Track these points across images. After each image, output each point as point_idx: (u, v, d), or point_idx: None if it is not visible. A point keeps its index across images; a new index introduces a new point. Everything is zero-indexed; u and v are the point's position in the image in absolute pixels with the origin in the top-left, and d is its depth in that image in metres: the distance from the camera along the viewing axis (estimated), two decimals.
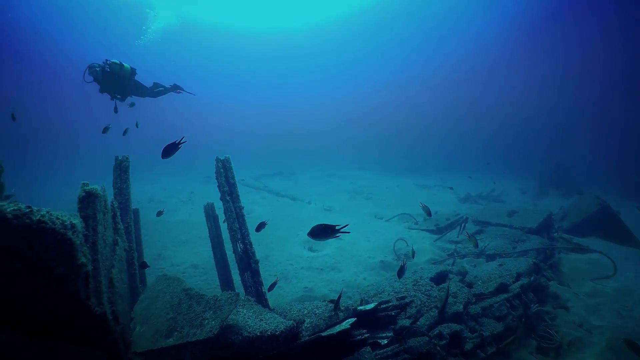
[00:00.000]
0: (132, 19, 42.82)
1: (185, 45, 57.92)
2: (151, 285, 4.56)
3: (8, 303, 2.22)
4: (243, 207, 5.44)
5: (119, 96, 8.61)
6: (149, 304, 4.21)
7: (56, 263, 2.02)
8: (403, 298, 5.47)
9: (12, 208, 1.87)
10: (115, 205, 3.18)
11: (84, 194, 2.53)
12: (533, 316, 5.92)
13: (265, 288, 5.35)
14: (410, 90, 69.67)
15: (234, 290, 6.46)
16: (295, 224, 12.78)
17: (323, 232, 3.58)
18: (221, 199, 5.47)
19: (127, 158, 4.88)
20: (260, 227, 5.09)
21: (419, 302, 5.38)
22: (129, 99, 9.06)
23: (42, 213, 1.92)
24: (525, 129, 52.11)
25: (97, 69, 8.03)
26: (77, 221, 2.03)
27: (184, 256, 9.24)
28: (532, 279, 6.62)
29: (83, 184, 2.58)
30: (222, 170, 5.62)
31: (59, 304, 2.31)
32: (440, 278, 6.51)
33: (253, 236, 5.47)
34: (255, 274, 5.17)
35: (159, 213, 8.77)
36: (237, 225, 5.18)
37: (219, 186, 5.52)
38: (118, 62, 8.31)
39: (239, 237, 5.16)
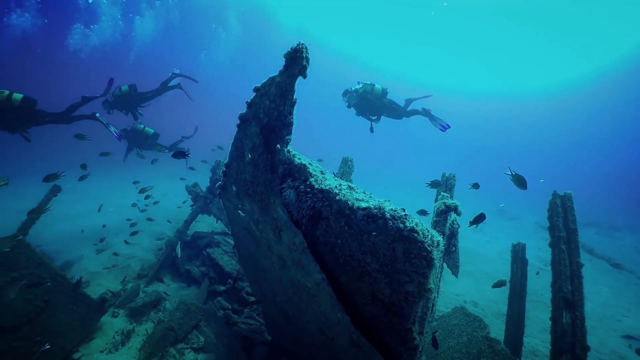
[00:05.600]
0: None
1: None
2: (446, 315, 4.08)
3: (351, 295, 2.24)
4: (583, 265, 3.99)
5: (374, 117, 8.18)
6: (441, 337, 3.74)
7: (408, 279, 1.77)
8: None
9: (389, 207, 1.74)
10: (456, 226, 2.91)
11: (443, 207, 2.26)
12: None
13: None
14: None
15: (520, 357, 5.09)
16: (618, 305, 9.18)
17: None
18: (551, 244, 4.25)
19: (453, 176, 4.56)
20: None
21: None
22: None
23: (415, 221, 1.69)
24: None
25: (353, 93, 7.89)
26: (440, 239, 1.71)
27: (465, 288, 8.48)
28: None
29: (442, 194, 2.33)
30: (559, 209, 4.35)
31: (386, 316, 2.12)
32: None
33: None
34: None
35: None
36: (570, 287, 3.83)
37: (551, 228, 4.31)
38: (370, 82, 7.90)
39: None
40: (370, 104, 7.96)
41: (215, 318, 5.38)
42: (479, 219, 3.74)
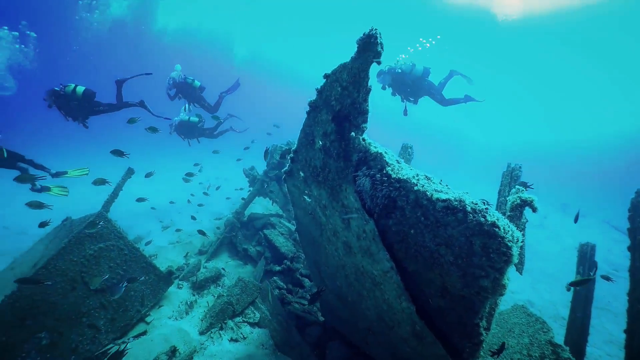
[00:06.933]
0: None
1: None
2: (505, 312, 3.96)
3: (418, 285, 2.26)
4: None
5: (411, 99, 7.69)
6: (500, 335, 3.64)
7: (484, 273, 1.76)
8: None
9: (470, 200, 1.73)
10: (524, 220, 2.79)
11: (519, 201, 2.18)
12: None
13: None
14: None
15: None
16: None
17: None
18: (630, 248, 3.92)
19: (519, 167, 4.33)
20: None
21: None
22: None
23: (497, 216, 1.67)
24: None
25: (387, 74, 7.46)
26: (520, 235, 1.67)
27: (520, 285, 8.09)
28: None
29: (518, 188, 2.24)
30: None
31: (454, 310, 2.13)
32: None
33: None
34: None
35: None
36: None
37: (632, 230, 3.96)
38: (411, 63, 7.35)
39: None
40: (407, 86, 7.55)
41: (271, 296, 5.66)
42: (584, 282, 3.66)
